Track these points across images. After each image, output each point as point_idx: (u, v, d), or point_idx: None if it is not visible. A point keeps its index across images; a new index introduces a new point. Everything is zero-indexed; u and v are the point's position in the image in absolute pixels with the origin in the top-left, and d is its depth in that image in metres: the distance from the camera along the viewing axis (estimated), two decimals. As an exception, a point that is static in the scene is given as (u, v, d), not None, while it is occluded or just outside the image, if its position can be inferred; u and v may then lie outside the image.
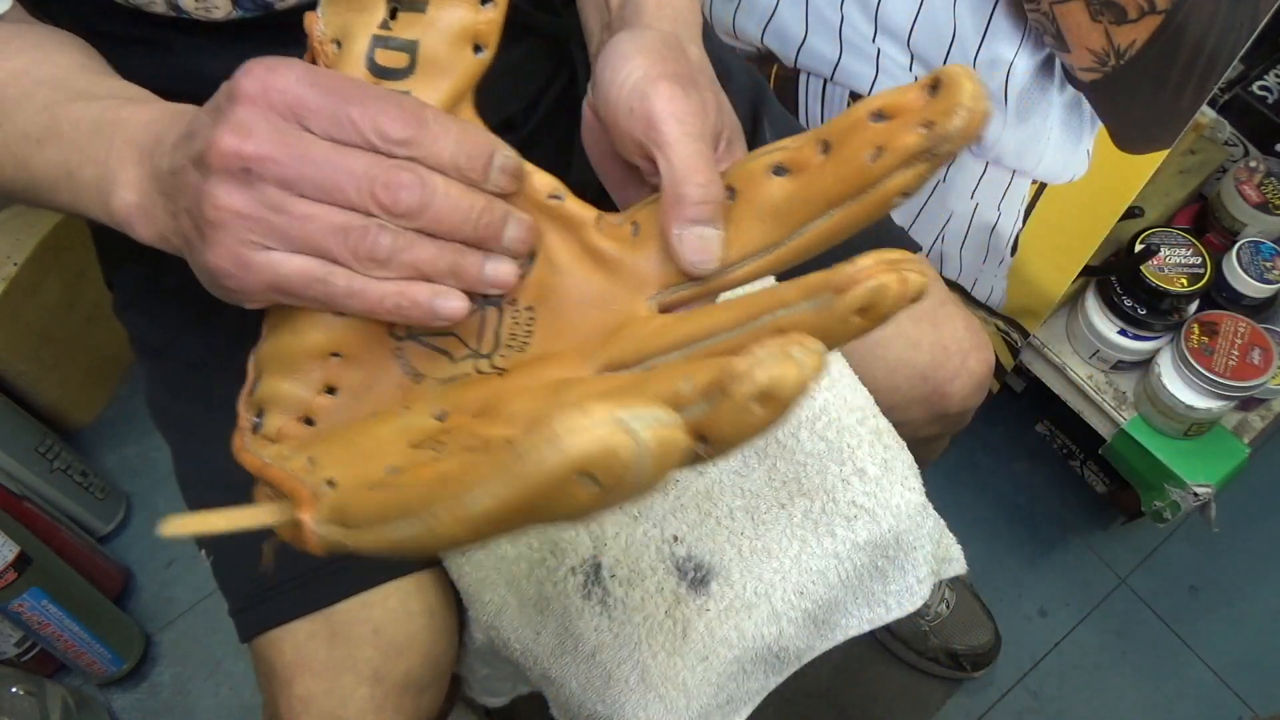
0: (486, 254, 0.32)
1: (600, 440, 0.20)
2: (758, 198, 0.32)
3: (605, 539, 0.56)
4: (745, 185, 0.33)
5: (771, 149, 0.32)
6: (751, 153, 0.33)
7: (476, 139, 0.31)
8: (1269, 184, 0.97)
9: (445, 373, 0.34)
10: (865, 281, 0.26)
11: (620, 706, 0.53)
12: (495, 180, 0.31)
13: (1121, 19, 0.74)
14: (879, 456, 0.57)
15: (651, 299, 0.33)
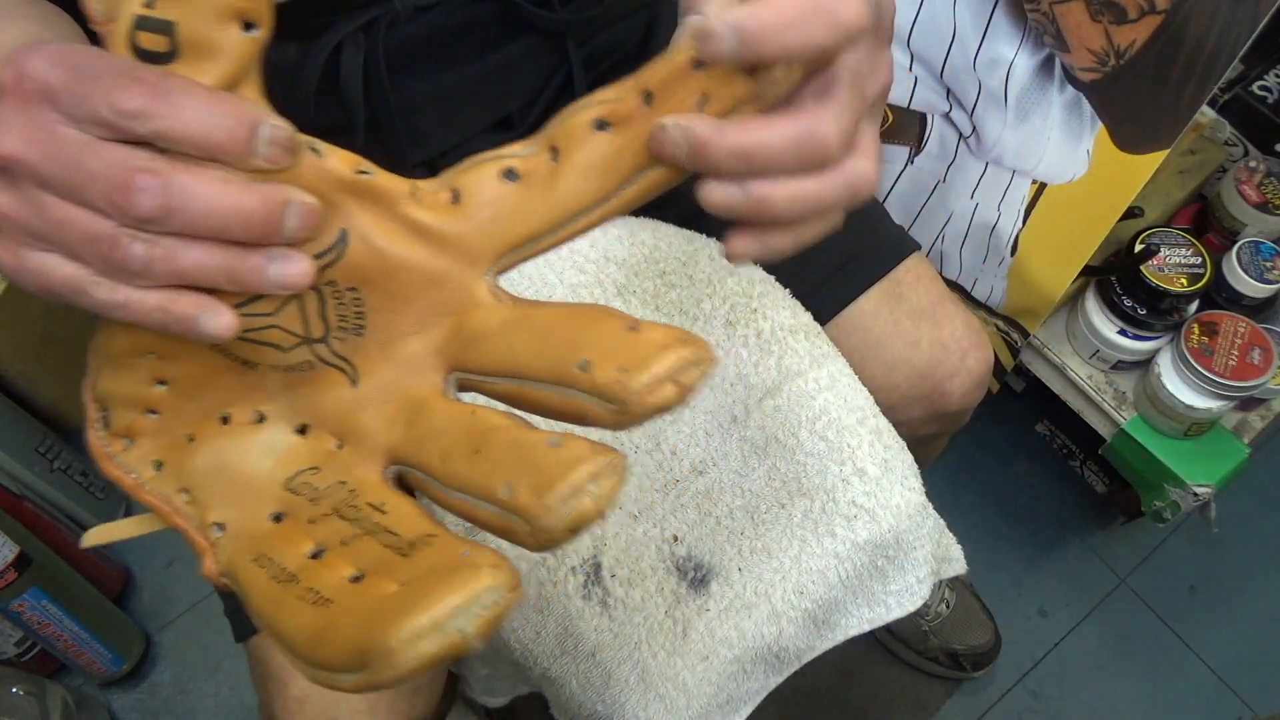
0: (270, 252, 0.28)
1: (430, 654, 0.24)
2: (582, 154, 0.31)
3: (605, 539, 0.56)
4: (567, 143, 0.31)
5: (589, 103, 0.31)
6: (569, 108, 0.32)
7: (232, 106, 0.27)
8: (1269, 184, 0.97)
9: (282, 361, 0.32)
10: (651, 403, 0.27)
11: (620, 706, 0.53)
12: (265, 154, 0.28)
13: (1121, 19, 0.74)
14: (879, 456, 0.57)
15: (489, 273, 0.32)
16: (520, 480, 0.26)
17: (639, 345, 0.27)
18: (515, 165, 0.31)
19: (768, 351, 0.59)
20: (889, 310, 0.64)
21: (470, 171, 0.32)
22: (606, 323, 0.29)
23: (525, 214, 0.31)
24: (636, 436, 0.58)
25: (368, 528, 0.28)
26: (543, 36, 0.57)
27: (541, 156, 0.31)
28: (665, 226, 0.62)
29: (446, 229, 0.31)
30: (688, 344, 0.27)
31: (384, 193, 0.31)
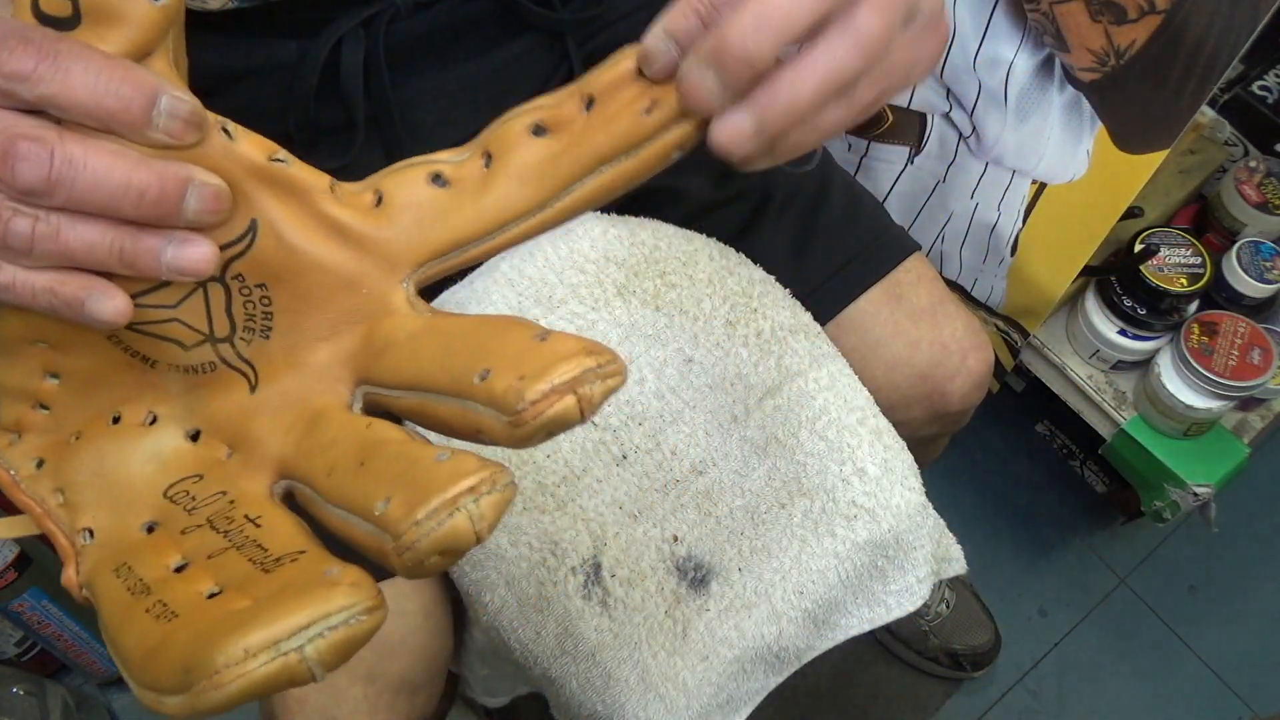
0: (169, 234, 0.26)
1: (260, 677, 0.22)
2: (517, 160, 0.30)
3: (605, 539, 0.56)
4: (502, 149, 0.30)
5: (528, 109, 0.30)
6: (506, 114, 0.31)
7: (128, 73, 0.25)
8: (1269, 184, 0.97)
9: (184, 360, 0.30)
10: (546, 415, 0.25)
11: (620, 706, 0.53)
12: (164, 127, 0.26)
13: (1121, 19, 0.74)
14: (879, 456, 0.57)
15: (406, 280, 0.30)
16: (397, 495, 0.24)
17: (543, 354, 0.25)
18: (444, 170, 0.30)
19: (768, 351, 0.59)
20: (889, 310, 0.64)
21: (396, 175, 0.30)
22: (514, 332, 0.27)
23: (451, 220, 0.30)
24: (636, 436, 0.58)
25: (237, 542, 0.26)
26: (543, 36, 0.57)
27: (474, 163, 0.30)
28: (665, 226, 0.62)
29: (366, 230, 0.29)
30: (594, 354, 0.25)
31: (300, 185, 0.29)
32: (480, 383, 0.25)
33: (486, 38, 0.56)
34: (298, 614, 0.22)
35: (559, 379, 0.25)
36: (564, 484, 0.57)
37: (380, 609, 0.24)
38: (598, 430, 0.58)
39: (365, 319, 0.30)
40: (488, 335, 0.27)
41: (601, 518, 0.56)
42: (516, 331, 0.27)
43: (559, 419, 0.25)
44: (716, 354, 0.59)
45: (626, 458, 0.57)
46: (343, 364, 0.30)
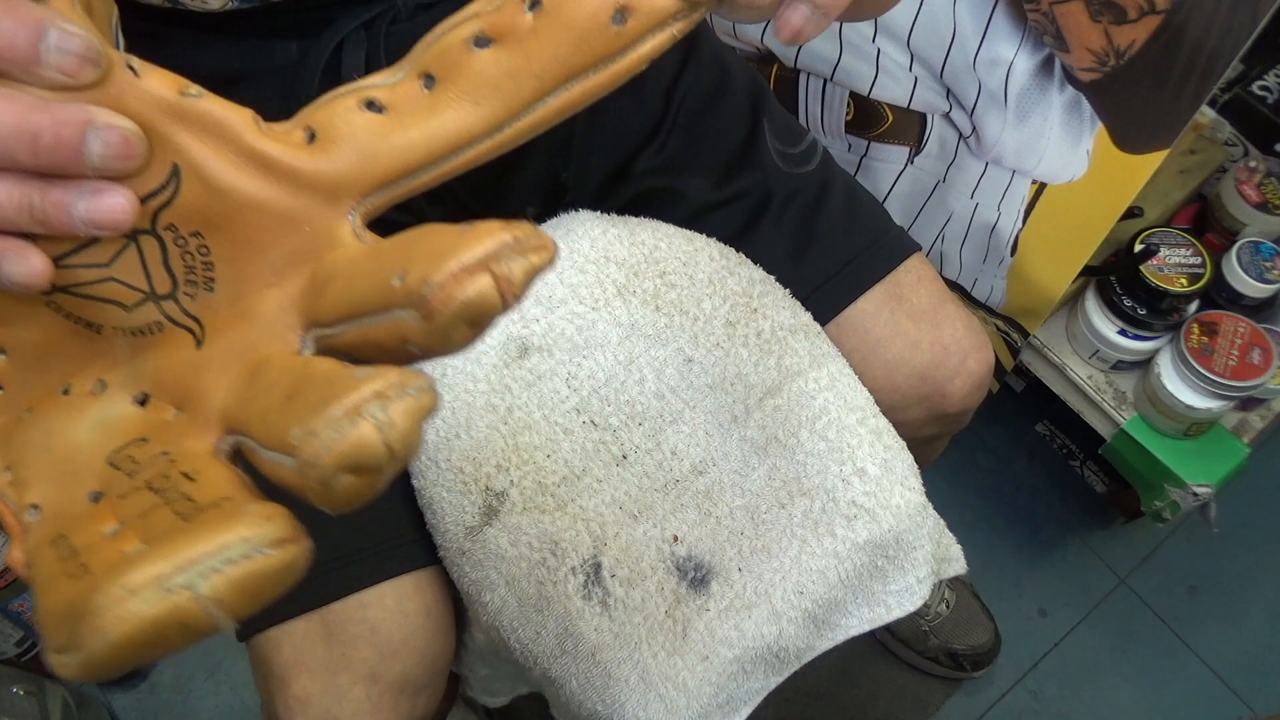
0: (80, 186, 0.24)
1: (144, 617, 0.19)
2: (466, 77, 0.27)
3: (605, 539, 0.56)
4: (445, 67, 0.27)
5: (463, 17, 0.27)
6: (437, 27, 0.27)
7: (11, 7, 0.23)
8: (1269, 184, 0.97)
9: (128, 322, 0.28)
10: (458, 297, 0.22)
11: (620, 706, 0.53)
12: (55, 63, 0.23)
13: (1121, 19, 0.74)
14: (879, 456, 0.57)
15: (352, 212, 0.28)
16: (308, 420, 0.22)
17: (457, 238, 0.23)
18: (378, 95, 0.27)
19: (768, 351, 0.59)
20: (889, 311, 0.64)
21: (325, 107, 0.28)
22: (441, 229, 0.24)
23: (395, 146, 0.27)
24: (637, 436, 0.58)
25: (170, 499, 0.25)
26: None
27: (410, 84, 0.27)
28: (665, 226, 0.62)
29: (300, 164, 0.27)
30: (513, 229, 0.23)
31: (220, 121, 0.26)
32: (398, 286, 0.23)
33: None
34: (189, 548, 0.20)
35: (468, 257, 0.22)
36: (564, 484, 0.57)
37: (295, 543, 0.21)
38: (598, 430, 0.58)
39: (312, 258, 0.27)
40: (416, 239, 0.25)
41: (601, 518, 0.56)
42: (443, 228, 0.24)
43: (475, 304, 0.22)
44: (716, 354, 0.59)
45: (626, 458, 0.57)
46: (292, 309, 0.27)
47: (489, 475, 0.56)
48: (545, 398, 0.58)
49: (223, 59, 0.50)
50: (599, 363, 0.59)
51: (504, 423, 0.57)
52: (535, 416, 0.58)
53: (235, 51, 0.49)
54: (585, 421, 0.58)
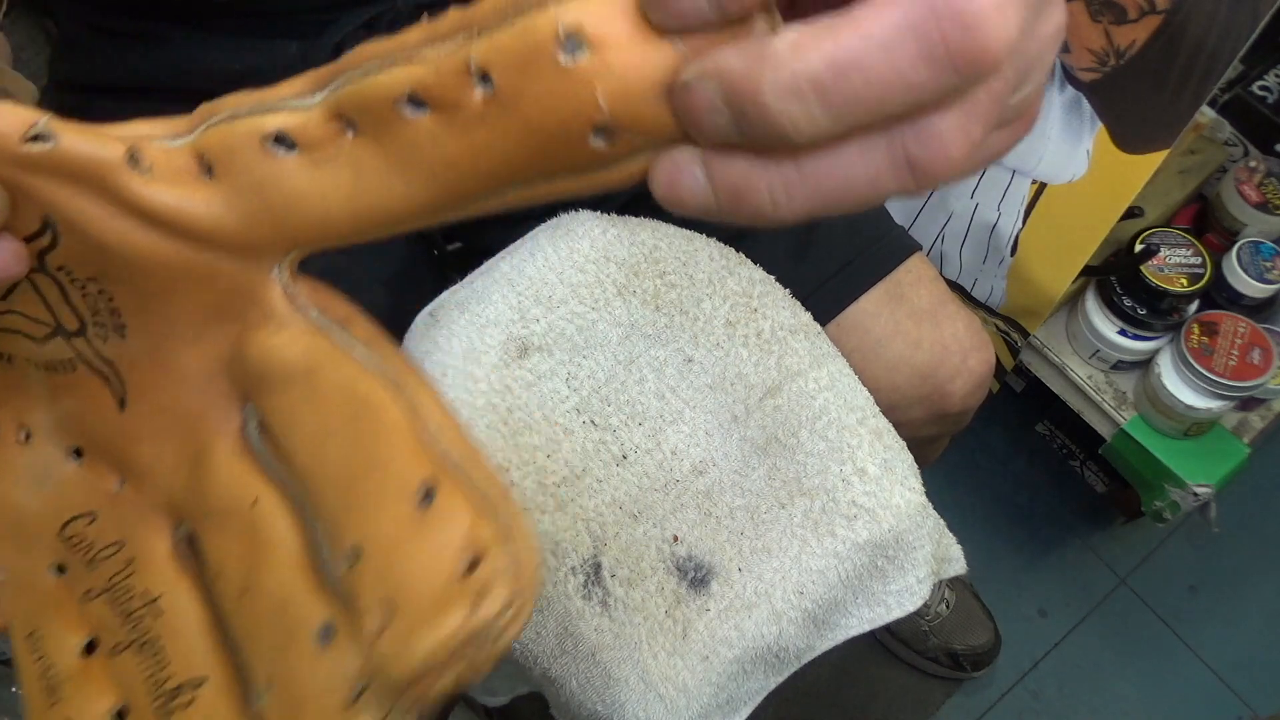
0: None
1: None
2: (393, 143, 0.21)
3: (605, 539, 0.56)
4: (369, 121, 0.21)
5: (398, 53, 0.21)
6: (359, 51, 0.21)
7: None
8: (1269, 184, 0.97)
9: (39, 355, 0.25)
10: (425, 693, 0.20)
11: (620, 706, 0.53)
12: None
13: (1121, 19, 0.74)
14: (879, 456, 0.57)
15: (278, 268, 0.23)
16: (269, 681, 0.20)
17: (423, 558, 0.19)
18: (288, 128, 0.21)
19: (768, 351, 0.59)
20: (890, 311, 0.64)
21: (224, 130, 0.22)
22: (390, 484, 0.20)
23: (318, 211, 0.22)
24: (637, 436, 0.58)
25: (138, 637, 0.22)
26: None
27: (327, 123, 0.21)
28: (665, 226, 0.62)
29: (196, 213, 0.22)
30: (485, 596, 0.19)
31: (83, 166, 0.22)
32: (348, 570, 0.20)
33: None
34: None
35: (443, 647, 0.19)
36: (564, 484, 0.57)
37: None
38: (598, 430, 0.58)
39: (236, 319, 0.23)
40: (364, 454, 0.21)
41: (601, 518, 0.56)
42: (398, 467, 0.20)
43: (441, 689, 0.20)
44: (716, 354, 0.59)
45: (626, 458, 0.57)
46: (220, 372, 0.23)
47: (489, 475, 0.56)
48: (545, 398, 0.58)
49: (223, 59, 0.50)
50: (599, 362, 0.59)
51: (504, 423, 0.57)
52: (535, 416, 0.58)
53: (235, 52, 0.50)
54: (585, 421, 0.58)
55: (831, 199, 0.19)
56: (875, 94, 0.17)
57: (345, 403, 0.21)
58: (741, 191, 0.19)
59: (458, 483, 0.20)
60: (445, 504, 0.20)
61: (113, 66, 0.49)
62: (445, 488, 0.20)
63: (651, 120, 0.18)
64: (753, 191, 0.18)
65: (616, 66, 0.17)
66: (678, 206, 0.19)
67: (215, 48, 0.49)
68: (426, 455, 0.21)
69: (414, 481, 0.20)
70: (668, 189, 0.19)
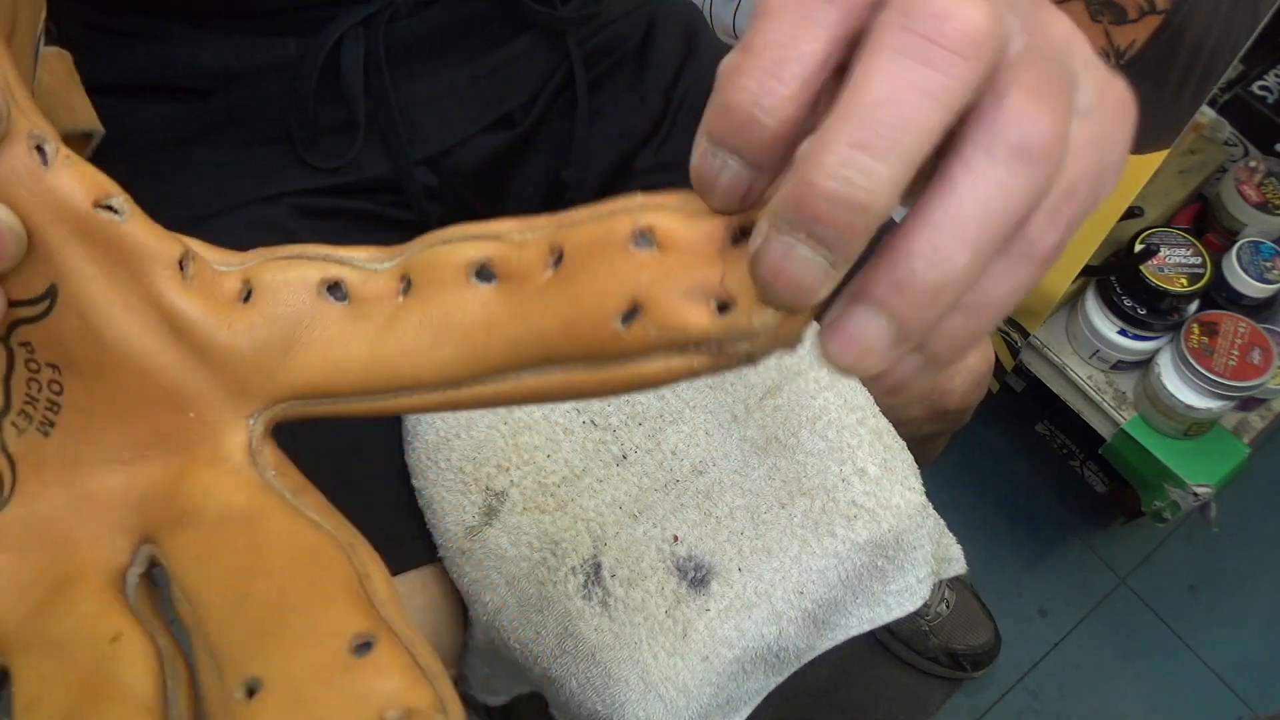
0: None
1: None
2: (442, 309, 0.21)
3: (605, 539, 0.56)
4: (429, 281, 0.21)
5: (477, 234, 0.21)
6: (448, 230, 0.21)
7: None
8: (1269, 184, 0.97)
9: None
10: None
11: (620, 706, 0.53)
12: None
13: (1121, 19, 0.74)
14: (879, 456, 0.57)
15: (254, 417, 0.22)
16: None
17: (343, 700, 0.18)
18: (347, 279, 0.21)
19: (768, 351, 0.59)
20: (889, 310, 0.64)
21: (282, 265, 0.22)
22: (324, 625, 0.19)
23: (335, 356, 0.21)
24: (637, 436, 0.58)
25: None
26: (543, 34, 0.57)
27: (388, 283, 0.21)
28: (665, 226, 0.62)
29: (217, 335, 0.21)
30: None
31: (136, 251, 0.21)
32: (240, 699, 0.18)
33: (486, 37, 0.56)
34: None
35: None
36: (564, 484, 0.57)
37: None
38: (598, 430, 0.58)
39: (183, 452, 0.22)
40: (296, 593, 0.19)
41: (601, 517, 0.56)
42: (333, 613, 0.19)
43: None
44: None
45: (626, 457, 0.57)
46: (134, 506, 0.22)
47: (489, 475, 0.56)
48: (545, 397, 0.58)
49: (223, 56, 0.50)
50: (599, 362, 0.59)
51: (504, 422, 0.57)
52: (535, 416, 0.58)
53: (234, 49, 0.49)
54: (585, 421, 0.58)
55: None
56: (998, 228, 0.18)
57: (287, 549, 0.20)
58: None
59: (399, 644, 0.18)
60: (382, 656, 0.18)
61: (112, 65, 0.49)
62: (385, 642, 0.18)
63: (674, 316, 0.19)
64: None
65: (668, 262, 0.19)
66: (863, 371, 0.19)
67: (214, 46, 0.49)
68: (370, 612, 0.19)
69: (350, 628, 0.18)
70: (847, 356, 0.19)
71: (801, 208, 0.17)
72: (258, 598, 0.19)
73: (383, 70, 0.52)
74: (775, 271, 0.18)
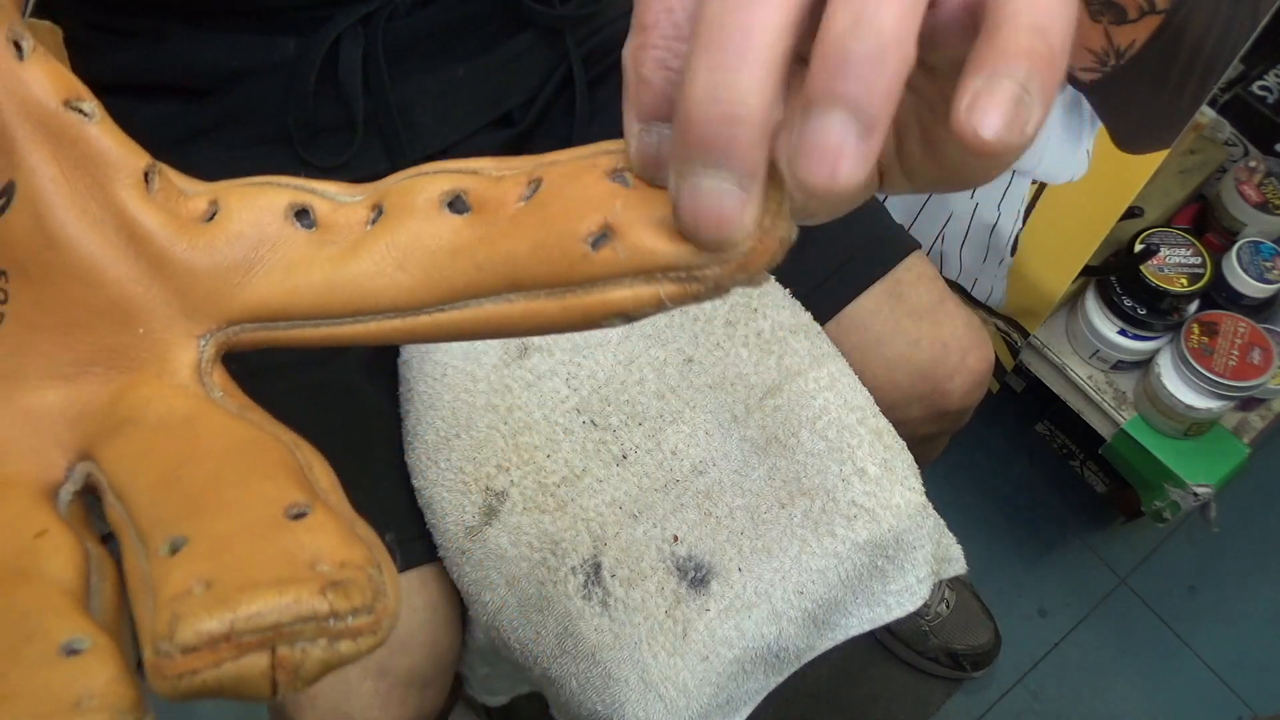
0: None
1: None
2: (408, 235, 0.21)
3: (606, 539, 0.56)
4: (399, 209, 0.21)
5: (456, 168, 0.21)
6: (422, 166, 0.22)
7: None
8: (1269, 184, 0.97)
9: None
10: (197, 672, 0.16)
11: (620, 706, 0.53)
12: None
13: (1121, 19, 0.74)
14: (879, 456, 0.57)
15: (205, 338, 0.21)
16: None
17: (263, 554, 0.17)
18: (316, 206, 0.21)
19: (768, 351, 0.59)
20: (889, 309, 0.64)
21: (251, 190, 0.22)
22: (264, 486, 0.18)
23: (294, 278, 0.21)
24: (637, 436, 0.58)
25: None
26: (542, 33, 0.57)
27: (357, 211, 0.21)
28: (665, 226, 0.62)
29: (174, 248, 0.21)
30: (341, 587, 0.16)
31: (100, 157, 0.21)
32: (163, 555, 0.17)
33: (485, 35, 0.56)
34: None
35: (246, 619, 0.16)
36: (564, 484, 0.56)
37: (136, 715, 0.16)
38: (598, 430, 0.58)
39: (128, 370, 0.21)
40: (232, 476, 0.19)
41: (601, 518, 0.56)
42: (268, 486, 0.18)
43: (225, 683, 0.16)
44: (716, 354, 0.59)
45: (626, 458, 0.57)
46: (72, 423, 0.21)
47: (489, 475, 0.56)
48: (545, 397, 0.58)
49: (220, 56, 0.50)
50: (599, 362, 0.59)
51: (504, 422, 0.57)
52: (535, 416, 0.58)
53: (233, 48, 0.49)
54: (585, 421, 0.58)
55: None
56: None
57: (225, 440, 0.20)
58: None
59: (336, 514, 0.18)
60: (317, 520, 0.17)
61: (111, 64, 0.49)
62: (321, 511, 0.18)
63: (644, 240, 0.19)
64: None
65: (643, 194, 0.19)
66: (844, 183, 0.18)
67: (213, 45, 0.49)
68: (308, 490, 0.18)
69: (286, 499, 0.18)
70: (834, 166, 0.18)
71: (686, 145, 0.18)
72: (192, 480, 0.19)
73: (381, 69, 0.52)
74: (693, 212, 0.18)
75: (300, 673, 0.16)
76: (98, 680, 0.16)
